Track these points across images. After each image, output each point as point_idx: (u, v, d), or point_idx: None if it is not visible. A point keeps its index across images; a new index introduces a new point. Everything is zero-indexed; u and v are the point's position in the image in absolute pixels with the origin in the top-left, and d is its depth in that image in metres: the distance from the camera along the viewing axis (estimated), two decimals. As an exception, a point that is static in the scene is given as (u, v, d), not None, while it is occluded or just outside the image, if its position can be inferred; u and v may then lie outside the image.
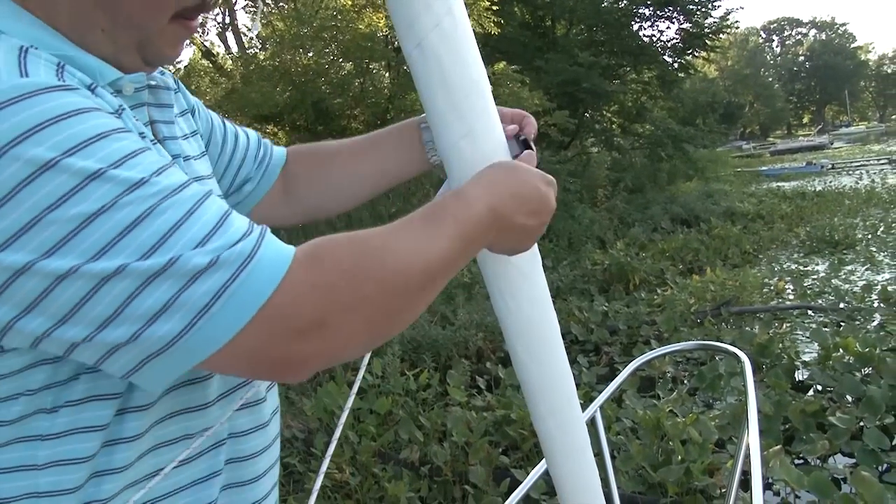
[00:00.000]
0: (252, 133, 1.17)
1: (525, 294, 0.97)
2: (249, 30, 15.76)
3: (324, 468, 1.17)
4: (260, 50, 13.59)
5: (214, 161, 1.06)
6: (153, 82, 0.85)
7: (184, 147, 0.89)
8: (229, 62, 15.21)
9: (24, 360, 0.67)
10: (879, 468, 3.97)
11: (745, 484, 1.54)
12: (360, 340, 0.70)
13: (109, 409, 0.71)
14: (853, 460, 4.10)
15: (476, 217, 0.78)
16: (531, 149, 0.97)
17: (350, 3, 11.52)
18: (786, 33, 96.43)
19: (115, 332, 0.60)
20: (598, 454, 1.91)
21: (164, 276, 0.60)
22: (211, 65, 15.19)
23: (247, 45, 15.27)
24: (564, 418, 1.06)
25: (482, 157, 0.89)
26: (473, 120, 0.88)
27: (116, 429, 0.73)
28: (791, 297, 8.26)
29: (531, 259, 0.97)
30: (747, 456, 1.61)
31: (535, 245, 0.97)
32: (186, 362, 0.63)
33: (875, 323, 6.69)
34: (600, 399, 1.97)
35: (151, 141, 0.78)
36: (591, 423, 1.92)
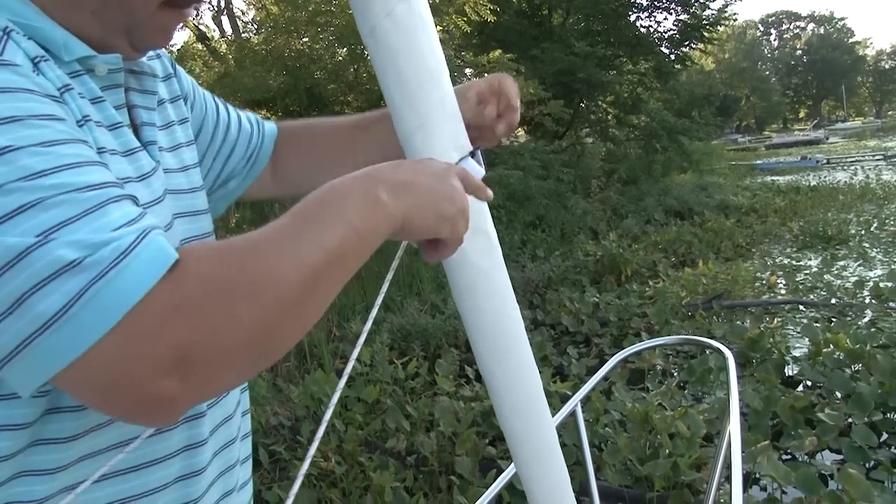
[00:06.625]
0: (247, 121, 1.12)
1: (483, 291, 0.94)
2: (244, 13, 15.67)
3: (308, 460, 1.14)
4: (254, 34, 13.50)
5: (202, 153, 1.02)
6: (137, 68, 0.82)
7: (160, 136, 0.85)
8: (223, 46, 15.11)
9: None
10: (867, 465, 3.95)
11: (730, 479, 1.51)
12: (235, 370, 0.61)
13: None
14: (841, 457, 4.09)
15: (357, 197, 0.68)
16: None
17: (345, -12, 11.42)
18: (784, 27, 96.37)
19: None
20: (580, 447, 1.89)
21: (26, 262, 0.53)
22: (205, 48, 15.09)
23: (241, 30, 15.17)
24: (530, 417, 1.03)
25: (436, 150, 0.86)
26: (427, 112, 0.84)
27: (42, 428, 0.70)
28: (783, 291, 8.26)
29: (488, 255, 0.93)
30: (729, 450, 1.59)
31: (495, 240, 0.94)
32: (36, 375, 0.55)
33: (866, 319, 6.68)
34: (581, 392, 1.95)
35: (111, 126, 0.74)
36: (573, 416, 1.90)
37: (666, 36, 19.48)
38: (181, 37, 15.20)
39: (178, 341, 0.55)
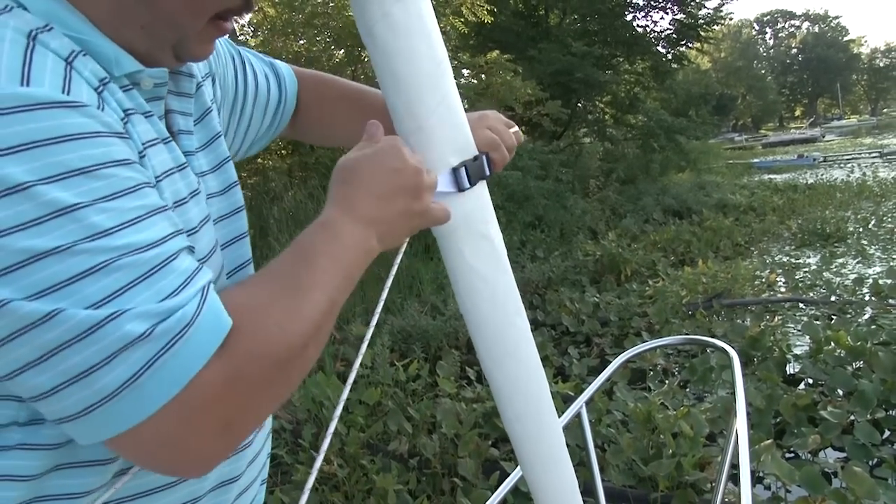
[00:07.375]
0: (265, 90, 1.10)
1: (484, 296, 0.92)
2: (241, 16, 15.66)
3: (316, 467, 1.13)
4: (251, 37, 13.47)
5: (225, 124, 1.02)
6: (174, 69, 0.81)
7: (195, 140, 0.84)
8: (220, 49, 15.12)
9: None
10: (870, 463, 3.94)
11: (735, 478, 1.50)
12: (259, 424, 0.70)
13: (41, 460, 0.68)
14: (844, 454, 4.08)
15: (352, 247, 0.74)
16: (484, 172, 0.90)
17: (342, -11, 11.41)
18: (779, 25, 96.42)
19: (39, 378, 0.56)
20: (585, 449, 1.88)
21: (96, 336, 0.55)
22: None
23: (238, 32, 15.17)
24: (534, 422, 1.01)
25: (433, 152, 0.84)
26: (424, 116, 0.82)
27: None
28: (782, 289, 8.25)
29: (491, 260, 0.91)
30: (736, 450, 1.58)
31: (499, 245, 0.92)
32: (93, 435, 0.59)
33: (866, 316, 6.67)
34: (586, 395, 1.93)
35: (164, 140, 0.74)
36: (578, 418, 1.88)
37: (662, 35, 19.54)
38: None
39: (225, 414, 0.61)
